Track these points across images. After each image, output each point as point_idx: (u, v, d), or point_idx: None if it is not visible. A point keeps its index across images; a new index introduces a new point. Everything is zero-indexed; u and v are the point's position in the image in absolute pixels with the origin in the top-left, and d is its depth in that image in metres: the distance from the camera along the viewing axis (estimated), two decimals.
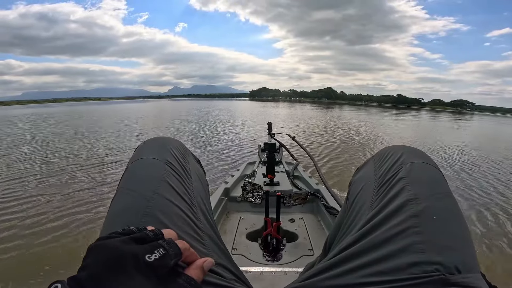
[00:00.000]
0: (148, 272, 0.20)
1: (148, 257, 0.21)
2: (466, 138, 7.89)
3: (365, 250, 0.30)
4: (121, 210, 0.33)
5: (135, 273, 0.20)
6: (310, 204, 1.09)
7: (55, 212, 2.13)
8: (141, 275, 0.20)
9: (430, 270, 0.26)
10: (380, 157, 0.43)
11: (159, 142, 0.44)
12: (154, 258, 0.21)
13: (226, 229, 0.94)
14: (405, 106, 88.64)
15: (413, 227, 0.29)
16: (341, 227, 0.40)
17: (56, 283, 0.18)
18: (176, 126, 8.65)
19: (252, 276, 0.64)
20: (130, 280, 0.20)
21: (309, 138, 5.89)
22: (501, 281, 1.42)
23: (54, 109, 24.63)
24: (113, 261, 0.20)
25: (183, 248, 0.24)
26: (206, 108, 19.76)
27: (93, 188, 2.70)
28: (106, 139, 5.83)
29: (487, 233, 1.92)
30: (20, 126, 8.92)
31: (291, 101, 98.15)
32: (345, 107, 35.56)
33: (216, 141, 5.55)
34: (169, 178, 0.37)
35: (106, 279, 0.19)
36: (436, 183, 0.35)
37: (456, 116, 31.37)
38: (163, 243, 0.23)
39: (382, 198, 0.35)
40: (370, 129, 8.62)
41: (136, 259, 0.20)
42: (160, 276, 0.21)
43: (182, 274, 0.23)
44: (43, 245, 1.67)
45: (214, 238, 0.35)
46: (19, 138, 6.08)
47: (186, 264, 0.25)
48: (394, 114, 21.76)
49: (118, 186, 0.37)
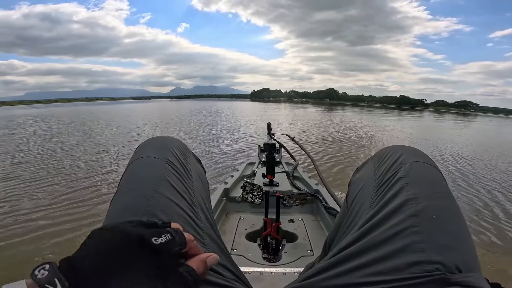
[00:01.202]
0: (152, 255, 0.21)
1: (155, 239, 0.21)
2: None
3: (364, 249, 0.30)
4: (121, 209, 0.33)
5: (139, 253, 0.20)
6: (310, 204, 1.09)
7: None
8: (144, 257, 0.20)
9: (430, 269, 0.25)
10: (380, 157, 0.43)
11: (159, 141, 0.45)
12: (161, 241, 0.21)
13: (225, 229, 0.94)
14: (408, 107, 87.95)
15: (412, 226, 0.29)
16: (341, 227, 0.40)
17: (44, 265, 0.17)
18: (177, 126, 8.63)
19: (251, 276, 0.64)
20: (133, 259, 0.19)
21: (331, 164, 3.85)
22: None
23: (59, 109, 24.68)
24: (117, 241, 0.20)
25: (189, 239, 0.24)
26: (204, 109, 19.44)
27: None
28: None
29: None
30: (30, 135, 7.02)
31: (293, 101, 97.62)
32: (349, 108, 34.83)
33: (216, 142, 5.56)
34: (170, 177, 0.37)
35: (106, 259, 0.19)
36: (436, 182, 0.35)
37: (460, 117, 30.91)
38: (170, 230, 0.23)
39: (382, 198, 0.35)
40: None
41: (142, 240, 0.21)
42: (162, 261, 0.21)
43: (183, 264, 0.23)
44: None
45: (214, 237, 0.35)
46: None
47: (189, 256, 0.25)
48: (404, 116, 21.11)
49: (119, 185, 0.37)
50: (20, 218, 2.04)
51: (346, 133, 7.44)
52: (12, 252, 1.60)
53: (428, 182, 0.35)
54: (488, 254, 1.68)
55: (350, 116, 16.97)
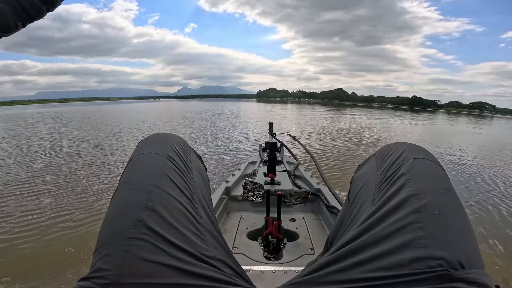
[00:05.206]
0: None
1: None
2: None
3: (366, 245, 0.29)
4: (122, 204, 0.33)
5: None
6: (311, 203, 1.08)
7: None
8: None
9: (433, 265, 0.25)
10: (382, 154, 0.43)
11: (160, 137, 0.45)
12: None
13: (226, 228, 0.95)
14: (420, 108, 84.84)
15: (415, 222, 0.29)
16: (343, 224, 0.40)
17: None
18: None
19: (252, 275, 0.64)
20: None
21: None
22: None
23: (68, 109, 25.04)
24: None
25: None
26: (202, 110, 18.68)
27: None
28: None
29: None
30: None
31: (300, 102, 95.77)
32: (360, 109, 32.99)
33: (217, 142, 5.59)
34: (170, 172, 0.37)
35: None
36: (438, 179, 0.35)
37: (482, 119, 28.86)
38: None
39: (384, 194, 0.35)
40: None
41: None
42: None
43: None
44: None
45: (215, 233, 0.35)
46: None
47: None
48: (431, 118, 19.08)
49: (120, 180, 0.37)
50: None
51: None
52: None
53: (430, 178, 0.35)
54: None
55: (369, 118, 15.00)
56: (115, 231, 0.30)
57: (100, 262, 0.28)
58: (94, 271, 0.27)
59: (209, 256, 0.31)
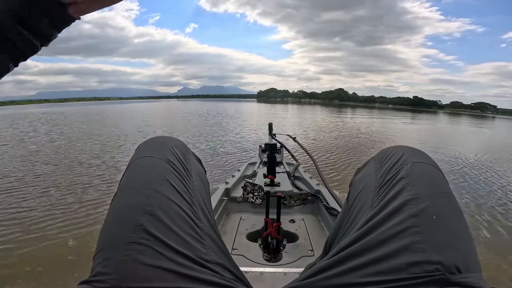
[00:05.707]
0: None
1: None
2: None
3: (365, 249, 0.30)
4: (121, 208, 0.33)
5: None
6: (311, 204, 1.08)
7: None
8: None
9: (430, 269, 0.25)
10: (381, 157, 0.43)
11: (160, 141, 0.45)
12: None
13: (226, 229, 0.95)
14: (422, 109, 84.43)
15: (413, 226, 0.29)
16: (341, 227, 0.40)
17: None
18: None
19: (252, 276, 0.64)
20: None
21: None
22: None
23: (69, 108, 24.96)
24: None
25: None
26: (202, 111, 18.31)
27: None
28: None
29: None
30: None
31: (301, 102, 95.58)
32: (362, 109, 32.38)
33: (217, 142, 5.58)
34: (170, 176, 0.37)
35: None
36: (437, 183, 0.35)
37: (486, 120, 28.36)
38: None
39: (382, 198, 0.35)
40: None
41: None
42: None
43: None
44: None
45: (214, 237, 0.35)
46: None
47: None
48: (434, 119, 18.61)
49: (119, 184, 0.37)
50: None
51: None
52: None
53: (429, 182, 0.35)
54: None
55: (379, 120, 14.28)
56: (115, 235, 0.30)
57: (100, 266, 0.28)
58: (94, 275, 0.27)
59: (208, 260, 0.31)
